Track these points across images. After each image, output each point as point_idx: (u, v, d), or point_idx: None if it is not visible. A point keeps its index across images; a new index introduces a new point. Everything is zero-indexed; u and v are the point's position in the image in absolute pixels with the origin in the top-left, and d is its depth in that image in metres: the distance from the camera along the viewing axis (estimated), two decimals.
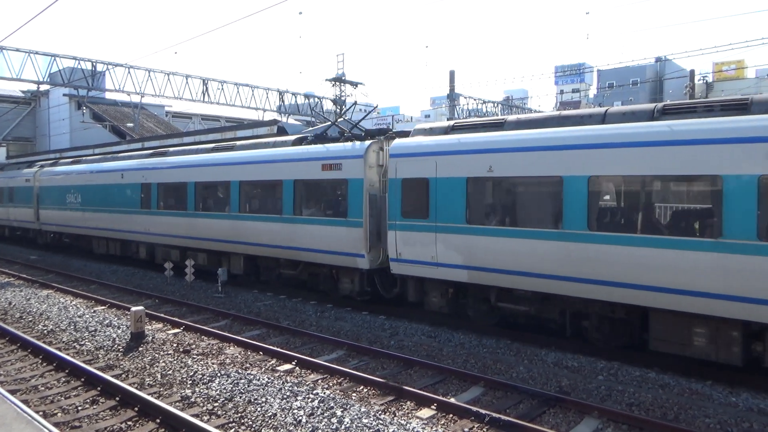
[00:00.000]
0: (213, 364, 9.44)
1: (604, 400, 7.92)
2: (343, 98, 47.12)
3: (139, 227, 19.33)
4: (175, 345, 10.55)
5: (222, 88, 39.97)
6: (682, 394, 8.03)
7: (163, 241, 18.71)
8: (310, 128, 27.68)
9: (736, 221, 7.83)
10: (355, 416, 7.17)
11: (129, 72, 35.52)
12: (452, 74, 37.70)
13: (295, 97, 45.54)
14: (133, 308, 11.18)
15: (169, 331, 11.59)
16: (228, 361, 9.66)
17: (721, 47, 72.48)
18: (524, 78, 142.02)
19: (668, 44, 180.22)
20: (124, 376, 8.97)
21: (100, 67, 34.73)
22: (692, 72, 35.47)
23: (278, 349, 10.03)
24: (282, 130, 23.78)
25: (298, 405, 7.55)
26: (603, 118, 9.64)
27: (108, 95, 44.09)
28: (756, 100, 8.33)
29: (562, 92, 71.03)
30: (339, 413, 7.27)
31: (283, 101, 44.50)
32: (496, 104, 49.97)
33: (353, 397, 8.00)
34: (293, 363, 9.46)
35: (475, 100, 45.65)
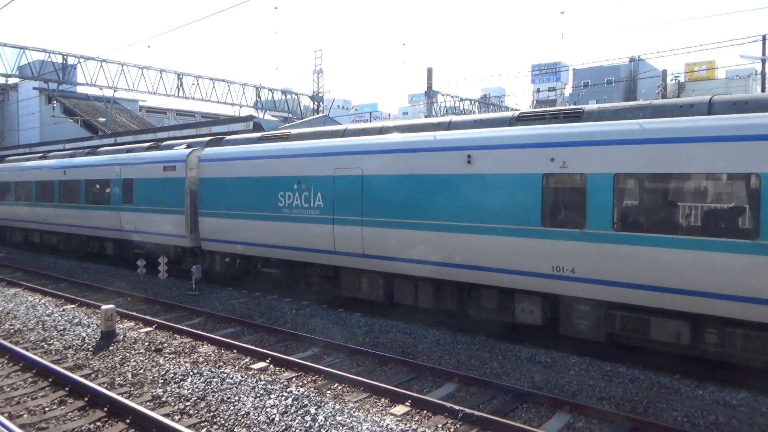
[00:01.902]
0: (185, 362, 9.32)
1: (575, 394, 8.03)
2: (320, 94, 46.89)
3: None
4: (146, 344, 10.38)
5: (197, 83, 39.49)
6: (651, 388, 8.18)
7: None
8: (287, 124, 27.51)
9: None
10: (329, 413, 7.14)
11: (101, 66, 34.85)
12: (430, 72, 37.81)
13: (272, 93, 45.19)
14: (104, 306, 10.98)
15: (141, 330, 11.41)
16: (201, 359, 9.55)
17: (692, 48, 74.04)
18: (501, 76, 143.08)
19: (642, 44, 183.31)
20: (93, 375, 8.80)
21: (71, 60, 34.02)
22: (664, 72, 36.15)
23: (252, 347, 9.95)
24: (258, 126, 23.61)
25: (272, 403, 7.50)
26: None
27: (80, 89, 43.14)
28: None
29: (538, 90, 71.69)
30: (313, 411, 7.24)
31: (259, 97, 44.14)
32: (473, 102, 50.26)
33: (327, 395, 7.97)
34: (267, 361, 9.39)
35: (452, 97, 45.86)
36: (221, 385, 8.17)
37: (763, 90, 26.21)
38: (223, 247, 15.17)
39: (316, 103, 46.76)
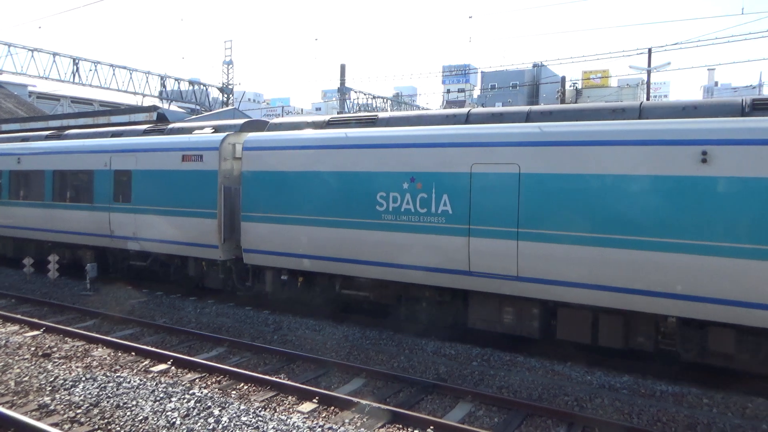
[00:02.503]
0: (77, 367, 8.73)
1: (477, 384, 8.37)
2: (230, 86, 45.54)
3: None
4: (32, 349, 9.62)
5: (95, 69, 36.99)
6: (546, 375, 8.70)
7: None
8: (194, 116, 26.48)
9: None
10: (234, 414, 6.97)
11: None
12: (343, 68, 37.81)
13: (179, 83, 43.24)
14: None
15: (27, 334, 10.55)
16: (95, 363, 8.98)
17: (588, 57, 79.25)
18: (413, 75, 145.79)
19: (544, 51, 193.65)
20: None
21: None
22: (563, 78, 38.38)
23: (152, 349, 9.50)
24: (162, 117, 22.49)
25: (173, 406, 7.20)
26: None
27: None
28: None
29: (449, 91, 73.77)
30: (217, 412, 7.04)
31: (165, 87, 42.08)
32: (386, 100, 50.85)
33: (232, 395, 7.78)
34: (169, 363, 9.00)
35: (365, 94, 46.15)
36: (117, 389, 7.74)
37: (647, 98, 28.51)
38: (280, 261, 11.73)
39: (225, 96, 45.32)
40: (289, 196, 11.35)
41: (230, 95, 45.43)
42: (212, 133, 13.27)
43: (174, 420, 6.83)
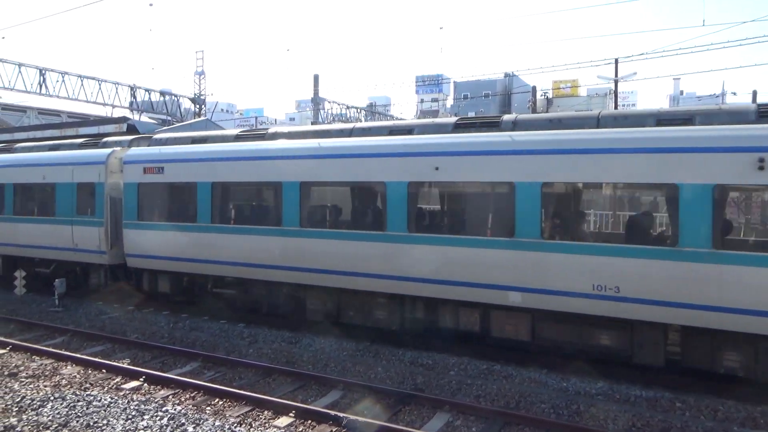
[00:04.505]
0: (45, 386, 8.47)
1: (455, 393, 8.37)
2: (202, 97, 45.11)
3: None
4: None
5: (63, 80, 36.23)
6: (523, 383, 8.75)
7: None
8: (165, 127, 26.14)
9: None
10: (209, 431, 6.84)
11: None
12: (316, 78, 37.79)
13: (149, 94, 42.64)
14: None
15: None
16: (64, 382, 8.73)
17: (558, 67, 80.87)
18: (387, 85, 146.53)
19: (515, 61, 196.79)
20: None
21: None
22: (534, 88, 39.00)
23: (123, 366, 9.28)
24: (132, 128, 22.16)
25: (145, 425, 7.04)
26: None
27: None
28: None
29: (422, 101, 74.29)
30: (191, 430, 6.90)
31: (135, 97, 41.45)
32: (359, 110, 50.94)
33: (207, 411, 7.63)
34: (141, 379, 8.80)
35: (339, 104, 46.17)
36: (87, 408, 7.53)
37: (615, 107, 29.19)
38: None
39: (197, 106, 44.85)
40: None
41: (203, 106, 44.98)
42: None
43: None
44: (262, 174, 11.60)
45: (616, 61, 27.97)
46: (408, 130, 10.72)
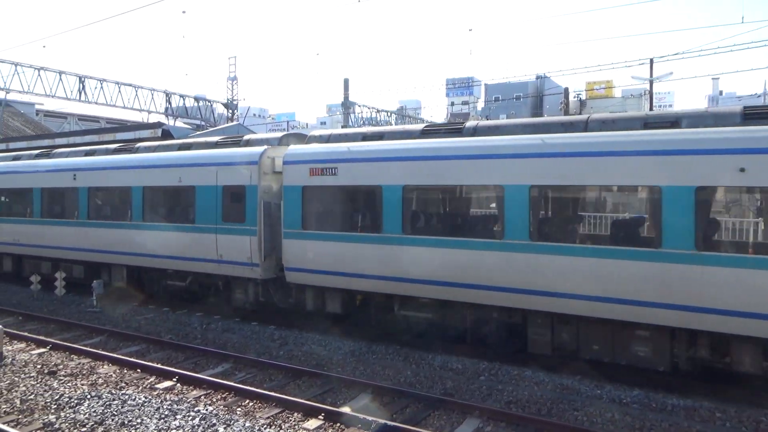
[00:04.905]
0: (83, 385, 8.70)
1: (485, 399, 8.26)
2: (235, 102, 45.86)
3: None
4: (39, 366, 9.60)
5: (101, 87, 37.34)
6: (555, 390, 8.58)
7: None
8: (198, 132, 26.62)
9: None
10: (239, 431, 6.91)
11: None
12: (346, 82, 38.01)
13: (184, 100, 43.57)
14: None
15: (33, 351, 10.53)
16: (100, 381, 8.95)
17: (591, 68, 79.52)
18: (417, 89, 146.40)
19: (547, 63, 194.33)
20: None
21: None
22: (566, 90, 38.42)
23: (157, 366, 9.45)
24: (167, 134, 22.65)
25: (177, 424, 7.15)
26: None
27: None
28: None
29: (452, 104, 74.06)
30: (221, 430, 6.97)
31: (170, 103, 42.41)
32: (390, 113, 51.03)
33: (238, 412, 7.72)
34: (174, 379, 8.95)
35: (369, 108, 46.32)
36: (122, 407, 7.69)
37: (651, 108, 28.51)
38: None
39: (230, 111, 45.63)
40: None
41: (235, 111, 45.73)
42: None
43: None
44: (478, 175, 9.54)
45: (651, 61, 27.35)
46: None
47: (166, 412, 7.50)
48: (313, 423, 7.36)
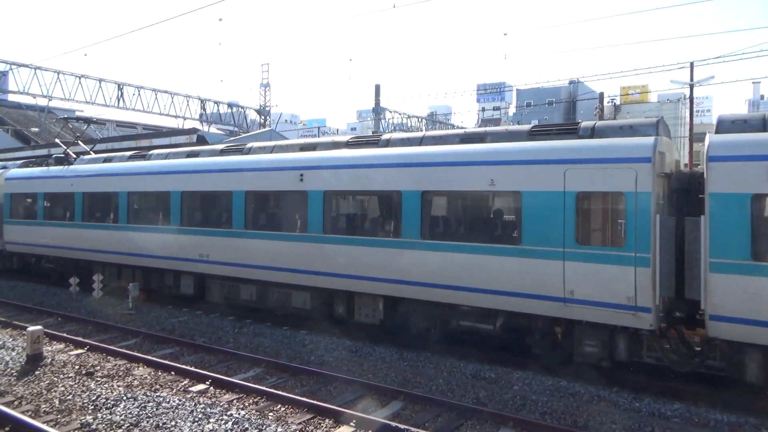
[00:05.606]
0: (119, 386, 8.85)
1: (519, 409, 8.10)
2: (267, 108, 46.45)
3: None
4: (77, 367, 9.81)
5: (139, 94, 38.35)
6: (591, 402, 8.36)
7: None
8: (232, 137, 27.04)
9: None
10: None
11: (35, 73, 33.38)
12: (377, 88, 38.11)
13: (218, 106, 44.35)
14: (30, 328, 10.32)
15: (71, 352, 10.78)
16: (136, 382, 9.09)
17: (626, 72, 77.97)
18: (447, 94, 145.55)
19: (580, 67, 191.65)
20: (16, 403, 8.21)
21: (2, 67, 32.41)
22: (601, 94, 37.77)
23: (191, 369, 9.57)
24: (202, 139, 23.10)
25: (211, 428, 7.20)
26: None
27: (11, 97, 41.06)
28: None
29: (483, 110, 73.55)
30: None
31: (204, 109, 43.24)
32: (420, 119, 50.99)
33: (270, 417, 7.73)
34: (207, 383, 9.04)
35: (400, 114, 46.37)
36: (157, 409, 7.79)
37: (691, 113, 27.77)
38: None
39: (263, 117, 46.24)
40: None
41: (267, 117, 46.33)
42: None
43: None
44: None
45: (692, 64, 26.60)
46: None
47: (200, 416, 7.57)
48: (344, 429, 7.32)
